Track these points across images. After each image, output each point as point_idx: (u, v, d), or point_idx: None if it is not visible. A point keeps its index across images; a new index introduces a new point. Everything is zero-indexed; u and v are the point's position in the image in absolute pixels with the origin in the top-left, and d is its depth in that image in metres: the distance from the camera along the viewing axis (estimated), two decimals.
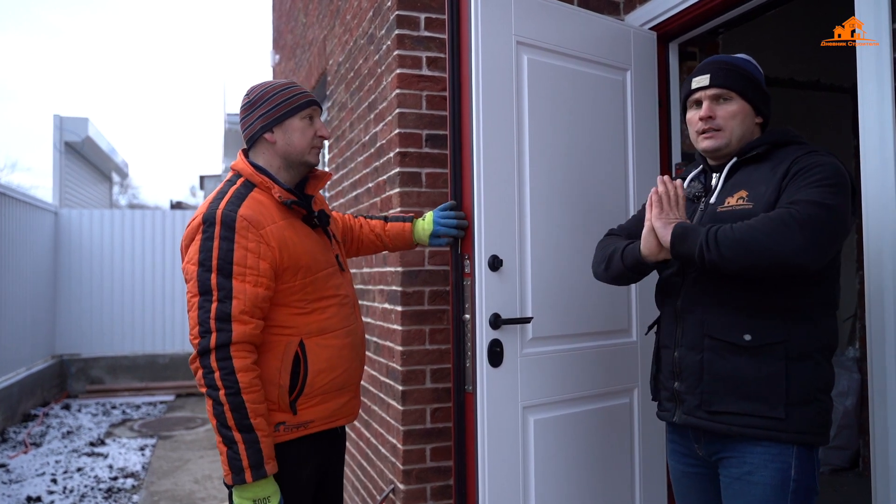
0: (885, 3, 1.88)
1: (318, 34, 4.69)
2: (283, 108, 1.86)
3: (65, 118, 11.18)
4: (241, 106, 1.92)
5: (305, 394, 1.81)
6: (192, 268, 1.72)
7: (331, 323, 1.87)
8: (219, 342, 1.66)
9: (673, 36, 2.82)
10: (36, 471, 5.38)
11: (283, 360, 1.78)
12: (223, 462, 1.68)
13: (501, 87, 2.29)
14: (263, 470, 1.67)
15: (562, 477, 2.37)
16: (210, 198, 1.83)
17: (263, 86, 1.90)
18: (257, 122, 1.87)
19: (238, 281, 1.70)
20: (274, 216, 1.80)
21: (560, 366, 2.39)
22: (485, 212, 2.23)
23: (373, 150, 3.13)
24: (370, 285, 3.21)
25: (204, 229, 1.73)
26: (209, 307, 1.68)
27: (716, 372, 1.65)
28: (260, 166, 1.88)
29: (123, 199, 29.08)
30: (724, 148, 1.74)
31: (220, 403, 1.65)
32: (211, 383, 1.66)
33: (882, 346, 1.89)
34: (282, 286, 1.78)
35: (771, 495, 1.58)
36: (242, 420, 1.65)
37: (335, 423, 1.91)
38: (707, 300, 1.68)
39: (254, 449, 1.66)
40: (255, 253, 1.73)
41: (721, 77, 1.73)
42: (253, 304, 1.71)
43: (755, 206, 1.62)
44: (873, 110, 1.91)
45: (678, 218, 1.66)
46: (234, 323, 1.68)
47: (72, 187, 11.67)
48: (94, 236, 9.29)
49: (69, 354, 9.00)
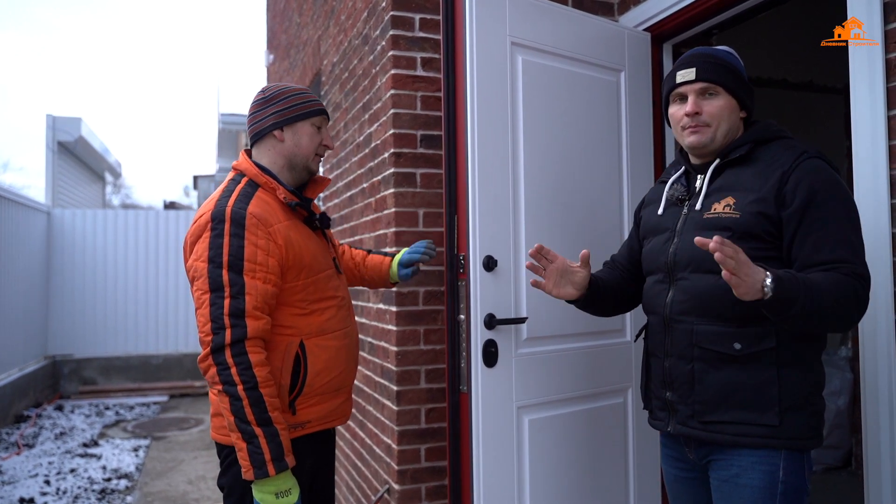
0: (878, 3, 1.89)
1: (313, 34, 4.69)
2: (297, 109, 1.90)
3: (57, 118, 11.12)
4: (255, 101, 1.94)
5: (305, 394, 1.82)
6: (202, 265, 1.72)
7: (330, 324, 1.89)
8: (234, 338, 1.67)
9: (667, 37, 2.83)
10: (29, 472, 5.35)
11: (285, 360, 1.79)
12: (242, 458, 1.67)
13: (496, 88, 2.29)
14: (285, 462, 1.68)
15: (556, 477, 2.38)
16: (216, 196, 1.84)
17: (280, 86, 1.94)
18: (270, 118, 1.89)
19: (249, 277, 1.71)
20: (279, 216, 1.82)
21: (555, 366, 2.40)
22: (479, 212, 2.23)
23: (367, 151, 3.12)
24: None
25: (213, 226, 1.74)
26: (222, 303, 1.68)
27: (707, 382, 1.63)
28: (264, 167, 1.90)
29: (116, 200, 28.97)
30: (710, 144, 1.70)
31: (238, 399, 1.65)
32: (228, 379, 1.66)
33: (874, 346, 1.90)
34: (285, 285, 1.80)
35: (759, 497, 1.57)
36: (262, 414, 1.66)
37: (330, 423, 1.93)
38: (695, 310, 1.65)
39: (275, 442, 1.67)
40: (265, 250, 1.75)
41: (708, 71, 1.68)
42: (264, 300, 1.73)
43: (742, 216, 1.59)
44: (866, 111, 1.92)
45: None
46: (248, 318, 1.69)
47: (64, 187, 11.61)
48: (87, 236, 9.25)
49: (62, 355, 8.96)
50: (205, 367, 1.71)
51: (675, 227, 1.74)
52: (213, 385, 1.70)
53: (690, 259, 1.66)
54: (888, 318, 1.87)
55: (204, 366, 1.71)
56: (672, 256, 1.71)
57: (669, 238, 1.74)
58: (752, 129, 1.72)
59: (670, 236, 1.74)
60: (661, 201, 1.82)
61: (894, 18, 1.87)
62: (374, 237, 3.03)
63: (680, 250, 1.70)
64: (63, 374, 8.89)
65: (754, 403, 1.58)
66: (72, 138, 11.18)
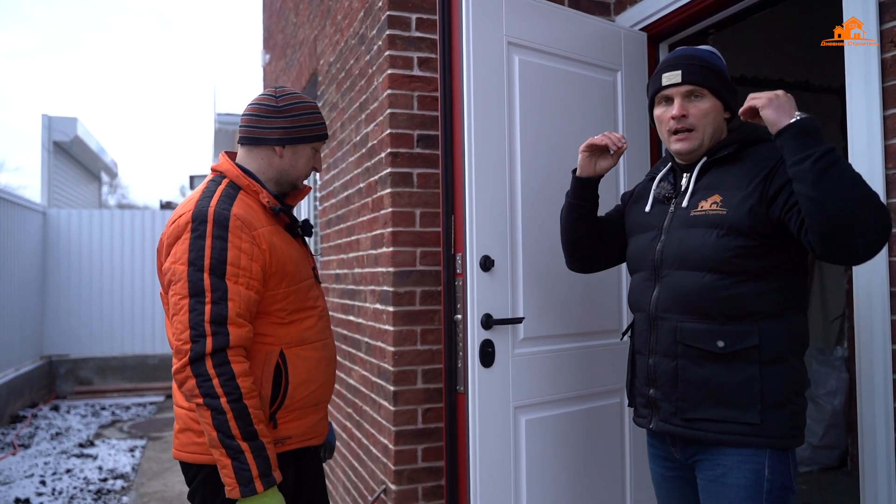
0: (873, 3, 1.89)
1: (309, 34, 4.68)
2: (306, 132, 1.82)
3: (53, 118, 11.11)
4: (264, 105, 1.82)
5: (286, 406, 1.73)
6: (181, 268, 1.61)
7: (309, 334, 1.81)
8: (215, 346, 1.56)
9: (663, 37, 2.83)
10: (24, 472, 5.34)
11: (265, 370, 1.70)
12: (227, 476, 1.56)
13: (493, 88, 2.29)
14: (273, 478, 1.58)
15: (553, 477, 2.38)
16: (195, 196, 1.73)
17: (295, 98, 1.84)
18: (276, 131, 1.80)
19: (232, 282, 1.62)
20: (262, 220, 1.74)
21: (551, 366, 2.40)
22: (476, 212, 2.23)
23: (364, 151, 3.12)
24: (361, 286, 3.21)
25: (193, 227, 1.63)
26: (202, 309, 1.58)
27: (690, 379, 1.64)
28: (248, 170, 1.81)
29: (112, 199, 28.94)
30: (698, 149, 1.71)
31: (221, 412, 1.54)
32: (209, 391, 1.55)
33: (870, 346, 1.90)
34: (266, 293, 1.71)
35: (745, 496, 1.58)
36: (247, 427, 1.56)
37: (309, 441, 1.83)
38: (680, 307, 1.66)
39: (262, 457, 1.57)
40: (249, 254, 1.65)
41: (694, 74, 1.68)
42: (247, 307, 1.64)
43: (729, 213, 1.60)
44: (862, 111, 1.92)
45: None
46: (231, 326, 1.59)
47: (60, 187, 11.60)
48: (83, 236, 9.24)
49: (58, 355, 8.94)
50: (181, 379, 1.58)
51: (662, 225, 1.75)
52: (191, 398, 1.58)
53: (677, 256, 1.68)
54: (884, 317, 1.87)
55: (181, 377, 1.58)
56: (659, 254, 1.73)
57: (656, 236, 1.76)
58: (740, 130, 1.73)
59: (657, 234, 1.76)
60: (649, 199, 1.83)
61: (890, 18, 1.87)
62: (370, 237, 3.02)
63: (667, 248, 1.71)
64: (59, 374, 8.87)
65: (736, 401, 1.59)
66: (68, 138, 11.17)
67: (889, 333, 1.86)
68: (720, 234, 1.60)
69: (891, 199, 1.87)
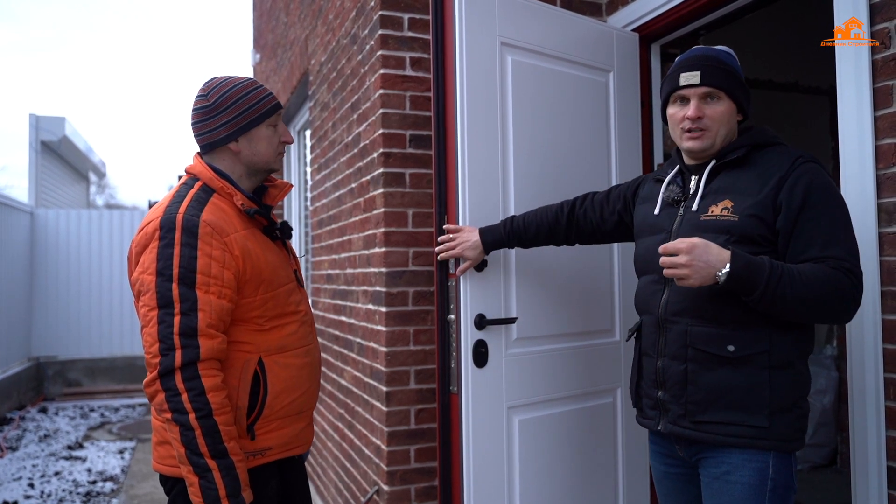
0: (864, 4, 1.90)
1: (300, 34, 4.66)
2: (250, 115, 1.71)
3: (41, 117, 11.03)
4: (199, 108, 1.72)
5: (264, 416, 1.66)
6: (149, 278, 1.54)
7: (290, 341, 1.73)
8: (185, 360, 1.50)
9: (655, 37, 2.84)
10: (13, 475, 5.29)
11: (242, 379, 1.62)
12: (194, 494, 1.51)
13: (486, 89, 2.29)
14: (241, 498, 1.53)
15: (546, 477, 2.38)
16: (164, 201, 1.66)
17: (225, 87, 1.72)
18: (220, 129, 1.70)
19: (202, 291, 1.55)
20: (236, 224, 1.66)
21: (544, 366, 2.40)
22: (469, 212, 2.23)
23: (356, 151, 3.11)
24: (354, 286, 3.20)
25: (161, 235, 1.56)
26: (171, 321, 1.52)
27: (700, 382, 1.65)
28: (221, 171, 1.73)
29: (101, 199, 28.69)
30: (709, 149, 1.71)
31: (189, 429, 1.49)
32: (177, 407, 1.50)
33: (861, 345, 1.92)
34: (242, 300, 1.64)
35: (749, 494, 1.60)
36: (216, 445, 1.50)
37: (291, 451, 1.76)
38: (690, 311, 1.67)
39: (231, 476, 1.51)
40: (220, 262, 1.58)
41: (713, 76, 1.68)
42: (219, 317, 1.57)
43: (740, 219, 1.61)
44: (853, 112, 1.93)
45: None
46: (202, 338, 1.53)
47: (48, 187, 11.51)
48: (71, 237, 9.17)
49: (46, 357, 8.87)
50: (151, 393, 1.53)
51: (671, 228, 1.75)
52: (161, 413, 1.52)
53: None
54: (875, 316, 1.88)
55: (150, 391, 1.53)
56: None
57: (665, 239, 1.74)
58: (750, 134, 1.73)
59: (666, 237, 1.74)
60: (658, 201, 1.82)
61: (880, 19, 1.88)
62: (363, 237, 3.02)
63: None
64: (47, 376, 8.80)
65: (745, 404, 1.61)
66: (55, 138, 11.09)
67: (880, 332, 1.88)
68: (730, 241, 1.60)
69: (882, 199, 1.88)
